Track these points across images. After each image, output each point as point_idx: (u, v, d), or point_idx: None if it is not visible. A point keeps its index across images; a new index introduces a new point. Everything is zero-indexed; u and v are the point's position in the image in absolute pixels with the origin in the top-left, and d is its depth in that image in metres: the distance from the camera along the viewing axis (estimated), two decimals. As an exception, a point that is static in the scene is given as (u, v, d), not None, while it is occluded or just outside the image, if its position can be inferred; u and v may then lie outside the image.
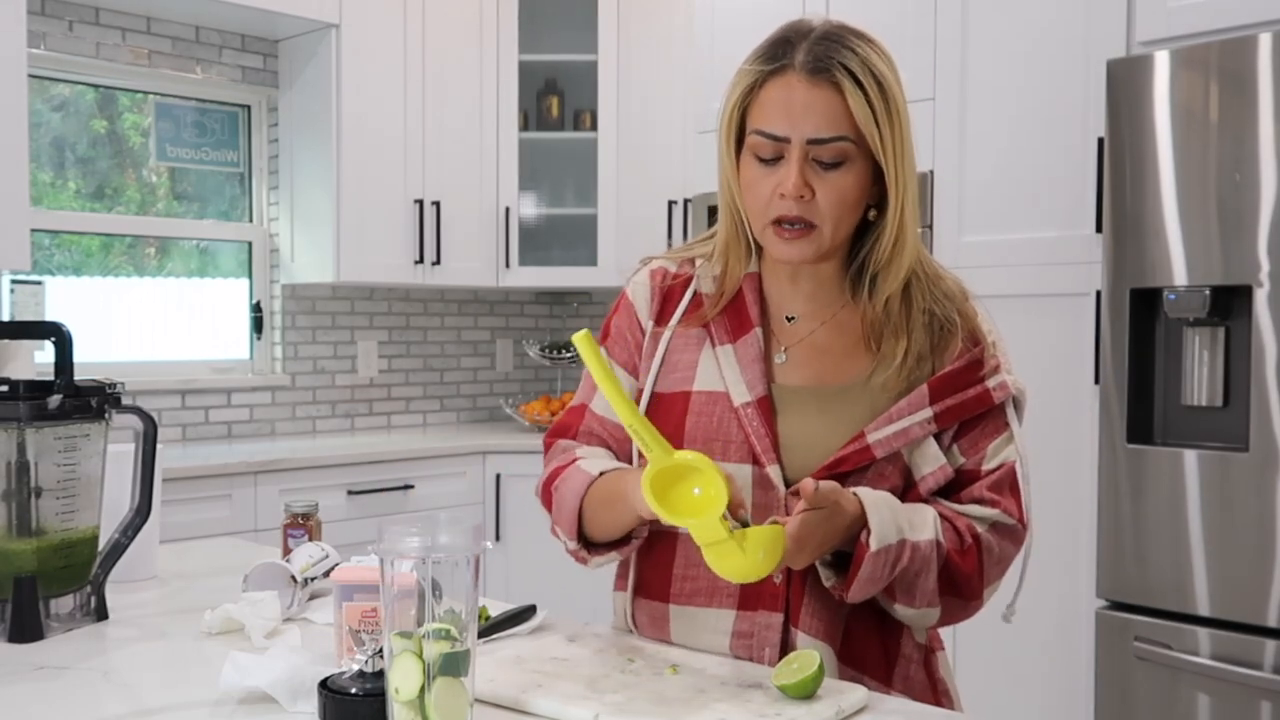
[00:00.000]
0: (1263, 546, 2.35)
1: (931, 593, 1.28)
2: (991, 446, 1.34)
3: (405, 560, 1.00)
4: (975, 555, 1.30)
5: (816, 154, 1.26)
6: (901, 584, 1.27)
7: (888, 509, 1.25)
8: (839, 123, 1.25)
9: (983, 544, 1.31)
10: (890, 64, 1.28)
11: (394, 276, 3.97)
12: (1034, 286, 2.82)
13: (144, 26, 3.70)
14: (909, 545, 1.25)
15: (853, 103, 1.24)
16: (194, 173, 3.97)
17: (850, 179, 1.27)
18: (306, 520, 1.76)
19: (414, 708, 0.99)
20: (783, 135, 1.26)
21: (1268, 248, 2.34)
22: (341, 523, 3.31)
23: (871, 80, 1.24)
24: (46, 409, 1.40)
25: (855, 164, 1.27)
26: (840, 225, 1.29)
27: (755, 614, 1.32)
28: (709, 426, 1.33)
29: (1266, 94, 2.34)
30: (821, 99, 1.25)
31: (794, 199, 1.26)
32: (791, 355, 1.37)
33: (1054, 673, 2.79)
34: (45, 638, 1.42)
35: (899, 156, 1.27)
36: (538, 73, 4.31)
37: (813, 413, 1.32)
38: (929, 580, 1.27)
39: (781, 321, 1.39)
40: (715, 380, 1.35)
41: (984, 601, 1.34)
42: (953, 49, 2.98)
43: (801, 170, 1.26)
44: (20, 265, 3.03)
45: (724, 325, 1.37)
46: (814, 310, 1.38)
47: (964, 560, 1.29)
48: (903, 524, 1.25)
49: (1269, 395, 2.35)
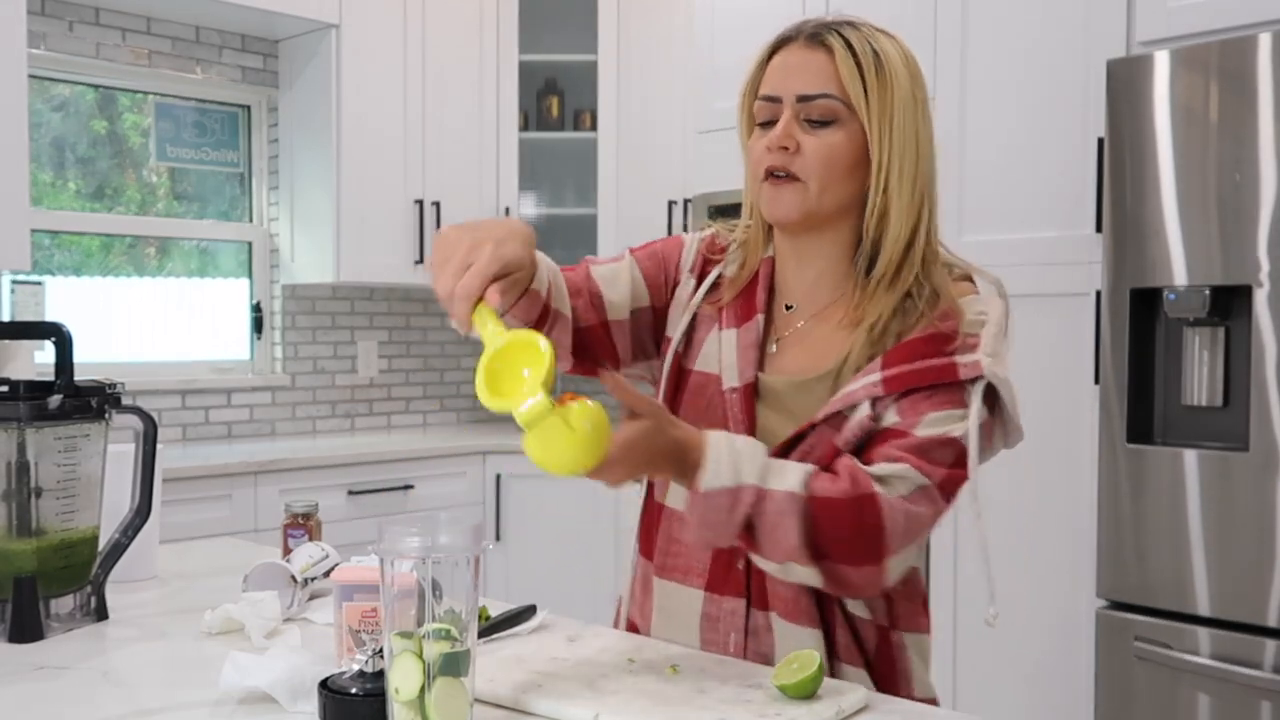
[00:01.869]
0: (1263, 546, 2.35)
1: (794, 549, 1.17)
2: (932, 416, 1.22)
3: (405, 560, 1.00)
4: (852, 514, 1.17)
5: (806, 112, 1.28)
6: (757, 535, 1.18)
7: (731, 451, 1.18)
8: (826, 81, 1.27)
9: (881, 505, 1.18)
10: (902, 52, 1.30)
11: (394, 276, 3.97)
12: (1034, 286, 2.82)
13: (144, 26, 3.70)
14: (753, 491, 1.16)
15: (839, 61, 1.27)
16: (194, 173, 3.97)
17: (839, 138, 1.28)
18: (306, 520, 1.76)
19: (414, 708, 0.99)
20: (776, 95, 1.30)
21: (1268, 248, 2.34)
22: (341, 523, 3.31)
23: (867, 49, 1.27)
24: (46, 409, 1.40)
25: (846, 126, 1.28)
26: (828, 187, 1.28)
27: (722, 599, 1.33)
28: (698, 407, 1.36)
29: (1266, 94, 2.34)
30: (814, 60, 1.28)
31: (778, 150, 1.28)
32: (782, 345, 1.37)
33: (1054, 673, 2.79)
34: (45, 638, 1.42)
35: (884, 122, 1.27)
36: (538, 73, 4.31)
37: (787, 403, 1.32)
38: (789, 535, 1.17)
39: (781, 310, 1.39)
40: (713, 363, 1.37)
41: (885, 569, 1.20)
42: (952, 49, 2.98)
43: (789, 124, 1.28)
44: (20, 265, 3.03)
45: (734, 310, 1.39)
46: (813, 298, 1.37)
47: (847, 518, 1.17)
48: (746, 468, 1.17)
49: (1269, 395, 2.35)
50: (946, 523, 1.28)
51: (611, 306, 1.42)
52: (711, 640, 1.34)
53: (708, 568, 1.33)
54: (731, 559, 1.33)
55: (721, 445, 1.19)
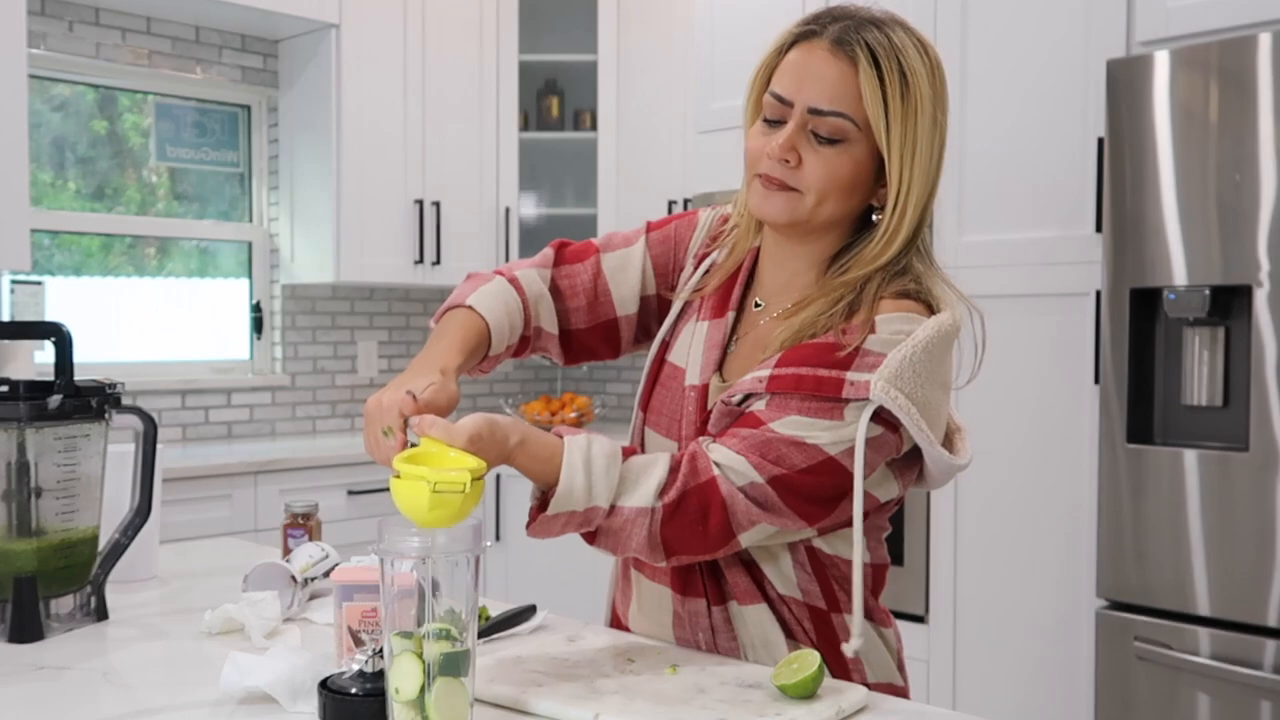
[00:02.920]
0: (1263, 546, 2.35)
1: (640, 550, 1.19)
2: (796, 419, 1.18)
3: (405, 560, 1.00)
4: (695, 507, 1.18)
5: (815, 125, 1.23)
6: (598, 540, 1.20)
7: (586, 471, 1.16)
8: (844, 99, 1.21)
9: (721, 491, 1.18)
10: (930, 65, 1.23)
11: (394, 276, 3.97)
12: (1034, 286, 2.82)
13: (144, 27, 3.70)
14: (602, 512, 1.17)
15: (864, 81, 1.20)
16: (194, 173, 3.97)
17: (844, 160, 1.23)
18: (306, 520, 1.76)
19: (414, 708, 0.99)
20: (788, 98, 1.24)
21: (1268, 248, 2.34)
22: (341, 523, 3.31)
23: (894, 66, 1.20)
24: (46, 409, 1.40)
25: (854, 148, 1.23)
26: (825, 202, 1.25)
27: (686, 599, 1.32)
28: (664, 399, 1.37)
29: (1266, 94, 2.34)
30: (835, 70, 1.21)
31: (779, 160, 1.24)
32: (740, 344, 1.35)
33: (1054, 673, 2.79)
34: (45, 638, 1.42)
35: (906, 150, 1.21)
36: (538, 73, 4.31)
37: None
38: (631, 540, 1.18)
39: (751, 307, 1.37)
40: (684, 355, 1.37)
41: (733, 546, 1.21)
42: (952, 49, 2.97)
43: (794, 136, 1.23)
44: (20, 265, 3.03)
45: (712, 302, 1.38)
46: (780, 299, 1.34)
47: (691, 515, 1.18)
48: (599, 488, 1.16)
49: (1269, 395, 2.35)
50: (946, 522, 1.27)
51: (620, 302, 1.42)
52: (682, 638, 1.34)
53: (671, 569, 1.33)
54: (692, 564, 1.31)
55: (577, 463, 1.16)
